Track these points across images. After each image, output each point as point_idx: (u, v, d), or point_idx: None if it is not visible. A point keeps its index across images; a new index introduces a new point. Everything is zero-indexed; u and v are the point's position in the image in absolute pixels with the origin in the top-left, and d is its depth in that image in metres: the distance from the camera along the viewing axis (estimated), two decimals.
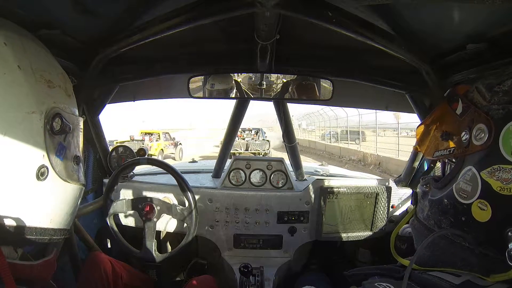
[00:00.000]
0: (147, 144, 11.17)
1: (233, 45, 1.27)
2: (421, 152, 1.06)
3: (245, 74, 1.34)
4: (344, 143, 14.90)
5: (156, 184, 1.51)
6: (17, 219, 0.58)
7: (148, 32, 0.99)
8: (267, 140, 11.74)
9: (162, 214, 1.34)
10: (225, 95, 1.33)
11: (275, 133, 14.26)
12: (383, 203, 1.44)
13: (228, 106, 1.81)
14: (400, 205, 1.53)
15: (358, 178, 1.63)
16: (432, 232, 0.61)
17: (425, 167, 1.53)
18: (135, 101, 1.73)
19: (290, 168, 1.64)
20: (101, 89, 1.39)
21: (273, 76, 1.32)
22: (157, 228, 1.37)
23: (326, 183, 1.43)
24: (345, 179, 1.52)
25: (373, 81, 1.32)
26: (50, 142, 0.63)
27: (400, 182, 1.60)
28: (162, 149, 11.88)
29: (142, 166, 1.64)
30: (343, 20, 0.92)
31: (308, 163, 3.69)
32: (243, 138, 11.56)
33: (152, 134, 12.26)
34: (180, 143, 13.46)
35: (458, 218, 0.58)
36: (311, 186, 1.45)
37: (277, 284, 1.37)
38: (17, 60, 0.59)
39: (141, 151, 1.48)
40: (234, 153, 8.88)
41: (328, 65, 1.31)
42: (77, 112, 0.75)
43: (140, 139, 11.53)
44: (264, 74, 1.30)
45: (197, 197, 1.40)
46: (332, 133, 16.79)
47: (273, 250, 1.50)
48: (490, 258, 0.53)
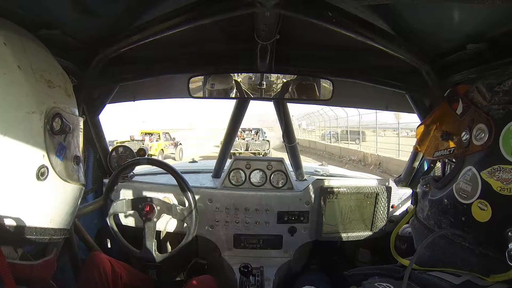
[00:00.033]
0: (147, 144, 11.17)
1: (233, 45, 1.27)
2: (421, 152, 1.06)
3: (245, 74, 1.34)
4: (344, 143, 14.89)
5: (156, 184, 1.51)
6: (17, 219, 0.58)
7: (148, 32, 0.99)
8: (267, 140, 11.75)
9: (162, 214, 1.34)
10: (225, 95, 1.33)
11: (275, 133, 14.25)
12: (383, 203, 1.44)
13: (228, 106, 1.80)
14: (400, 205, 1.53)
15: (358, 178, 1.63)
16: (432, 232, 0.61)
17: (425, 167, 1.53)
18: (135, 101, 1.73)
19: (290, 168, 1.64)
20: (101, 89, 1.39)
21: (273, 76, 1.32)
22: (157, 228, 1.37)
23: (326, 183, 1.43)
24: (345, 179, 1.52)
25: (373, 81, 1.32)
26: (50, 142, 0.63)
27: (400, 182, 1.60)
28: (162, 149, 11.89)
29: (142, 166, 1.64)
30: (343, 20, 0.92)
31: (308, 163, 3.69)
32: (243, 138, 11.56)
33: (152, 134, 12.26)
34: (180, 143, 13.46)
35: (458, 218, 0.57)
36: (311, 186, 1.45)
37: (277, 284, 1.37)
38: (17, 60, 0.59)
39: (141, 151, 1.48)
40: (234, 153, 8.88)
41: (328, 65, 1.31)
42: (77, 112, 0.75)
43: (140, 139, 11.54)
44: (264, 74, 1.30)
45: (197, 197, 1.40)
46: (332, 133, 16.77)
47: (273, 250, 1.50)
48: (490, 258, 0.53)
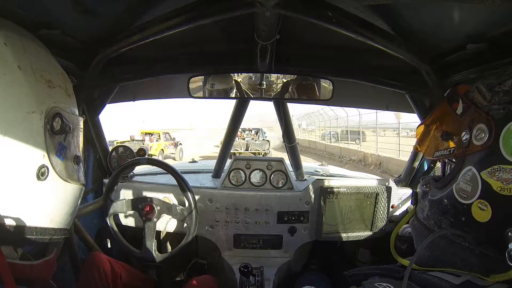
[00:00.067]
0: (148, 144, 11.17)
1: (233, 45, 1.27)
2: (421, 152, 1.06)
3: (245, 74, 1.34)
4: (345, 143, 14.89)
5: (156, 184, 1.51)
6: (17, 219, 0.58)
7: (148, 32, 0.99)
8: (267, 140, 11.75)
9: (162, 214, 1.34)
10: (225, 95, 1.33)
11: (275, 133, 14.25)
12: (383, 203, 1.44)
13: (228, 106, 1.80)
14: (400, 205, 1.53)
15: (358, 178, 1.63)
16: (432, 232, 0.61)
17: (425, 167, 1.52)
18: (135, 101, 1.73)
19: (290, 168, 1.64)
20: (101, 89, 1.39)
21: (273, 76, 1.32)
22: (157, 228, 1.37)
23: (326, 183, 1.43)
24: (345, 179, 1.52)
25: (373, 81, 1.32)
26: (50, 142, 0.63)
27: (400, 182, 1.60)
28: (162, 149, 11.89)
29: (142, 166, 1.64)
30: (343, 20, 0.92)
31: (308, 163, 3.69)
32: (243, 138, 11.56)
33: (152, 134, 12.27)
34: (180, 143, 13.47)
35: (458, 218, 0.57)
36: (311, 186, 1.45)
37: (277, 284, 1.37)
38: (17, 60, 0.59)
39: (141, 151, 1.48)
40: (234, 153, 8.88)
41: (328, 65, 1.31)
42: (77, 112, 0.75)
43: (141, 139, 11.54)
44: (264, 74, 1.30)
45: (197, 197, 1.40)
46: (332, 133, 16.77)
47: (273, 250, 1.50)
48: (490, 258, 0.53)
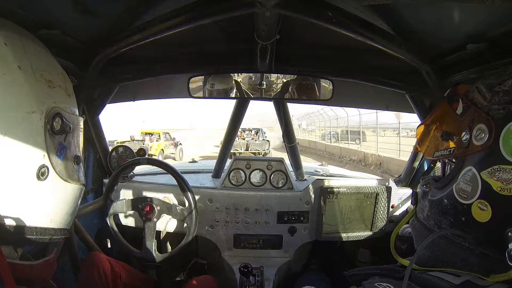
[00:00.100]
0: (148, 144, 11.18)
1: (233, 45, 1.27)
2: (421, 152, 1.06)
3: (245, 74, 1.34)
4: (345, 143, 14.88)
5: (156, 184, 1.51)
6: (17, 219, 0.58)
7: (148, 32, 0.99)
8: (267, 140, 11.76)
9: (162, 214, 1.34)
10: (225, 95, 1.33)
11: (275, 133, 14.25)
12: (383, 203, 1.44)
13: (228, 106, 1.80)
14: (400, 205, 1.53)
15: (358, 178, 1.63)
16: (432, 232, 0.61)
17: (425, 167, 1.52)
18: (135, 101, 1.73)
19: (290, 168, 1.64)
20: (101, 89, 1.39)
21: (273, 76, 1.32)
22: (157, 228, 1.37)
23: (326, 183, 1.43)
24: (345, 179, 1.52)
25: (373, 81, 1.32)
26: (51, 142, 0.63)
27: (400, 182, 1.60)
28: (163, 149, 11.90)
29: (142, 166, 1.64)
30: (343, 20, 0.92)
31: (308, 163, 3.69)
32: (243, 138, 11.57)
33: (153, 134, 12.27)
34: (180, 143, 13.47)
35: (458, 218, 0.57)
36: (311, 186, 1.45)
37: (277, 284, 1.37)
38: (17, 60, 0.59)
39: (141, 151, 1.48)
40: (234, 153, 8.88)
41: (328, 65, 1.31)
42: (77, 112, 0.75)
43: (141, 139, 11.55)
44: (264, 74, 1.30)
45: (197, 197, 1.40)
46: (333, 133, 16.77)
47: (273, 250, 1.50)
48: (490, 258, 0.53)
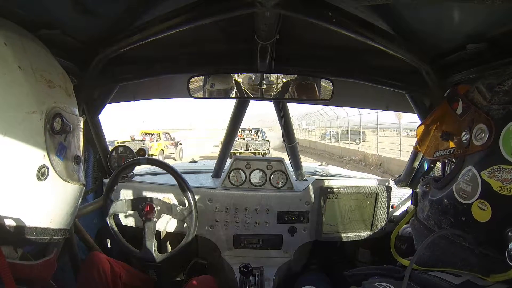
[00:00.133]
0: (148, 144, 11.19)
1: (233, 45, 1.27)
2: (421, 152, 1.06)
3: (245, 74, 1.34)
4: (345, 143, 14.88)
5: (156, 184, 1.51)
6: (17, 219, 0.58)
7: (148, 32, 0.99)
8: (267, 140, 11.77)
9: (162, 214, 1.34)
10: (225, 95, 1.33)
11: (275, 133, 14.26)
12: (383, 203, 1.44)
13: (228, 106, 1.81)
14: (400, 205, 1.53)
15: (358, 178, 1.63)
16: (432, 232, 0.61)
17: (425, 167, 1.52)
18: (135, 101, 1.73)
19: (290, 168, 1.64)
20: (101, 89, 1.39)
21: (273, 76, 1.32)
22: (157, 228, 1.37)
23: (326, 183, 1.43)
24: (345, 179, 1.52)
25: (373, 81, 1.32)
26: (51, 142, 0.63)
27: (400, 182, 1.60)
28: (163, 149, 11.91)
29: (142, 166, 1.64)
30: (343, 20, 0.92)
31: (308, 163, 3.69)
32: (243, 138, 11.57)
33: (153, 134, 12.28)
34: (180, 143, 13.48)
35: (458, 218, 0.57)
36: (311, 186, 1.45)
37: (277, 284, 1.37)
38: (17, 60, 0.59)
39: (141, 151, 1.48)
40: (234, 153, 8.88)
41: (328, 65, 1.31)
42: (78, 112, 0.75)
43: (141, 139, 11.55)
44: (264, 74, 1.30)
45: (197, 197, 1.40)
46: (333, 133, 16.76)
47: (273, 250, 1.50)
48: (490, 258, 0.53)
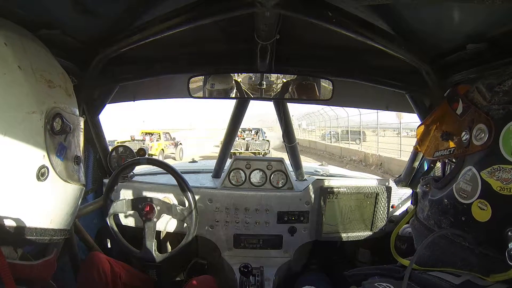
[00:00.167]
0: (148, 144, 11.20)
1: (233, 45, 1.27)
2: (421, 152, 1.06)
3: (245, 74, 1.34)
4: (345, 143, 14.88)
5: (156, 184, 1.51)
6: (17, 220, 0.58)
7: (148, 32, 0.99)
8: (267, 140, 11.78)
9: (162, 214, 1.34)
10: (225, 95, 1.33)
11: (275, 133, 14.27)
12: (383, 203, 1.44)
13: (228, 106, 1.81)
14: (400, 205, 1.53)
15: (358, 178, 1.63)
16: (432, 232, 0.61)
17: (425, 167, 1.52)
18: (135, 101, 1.73)
19: (290, 168, 1.64)
20: (101, 89, 1.39)
21: (273, 76, 1.32)
22: (157, 228, 1.37)
23: (326, 183, 1.43)
24: (345, 179, 1.52)
25: (373, 81, 1.32)
26: (51, 142, 0.63)
27: (400, 182, 1.60)
28: (163, 149, 11.92)
29: (142, 166, 1.64)
30: (343, 20, 0.92)
31: (308, 163, 3.69)
32: (243, 138, 11.59)
33: (153, 134, 12.30)
34: (181, 143, 13.49)
35: (458, 218, 0.57)
36: (311, 186, 1.45)
37: (277, 284, 1.37)
38: (17, 60, 0.58)
39: (141, 151, 1.48)
40: (234, 153, 8.88)
41: (328, 65, 1.31)
42: (78, 112, 0.75)
43: (141, 139, 11.57)
44: (264, 74, 1.30)
45: (197, 197, 1.40)
46: (333, 133, 16.76)
47: (273, 250, 1.50)
48: (490, 258, 0.53)
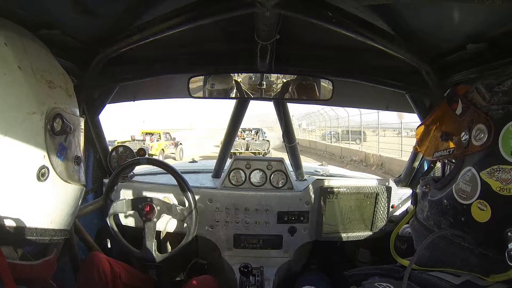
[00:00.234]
0: (148, 144, 11.21)
1: (233, 45, 1.27)
2: (421, 153, 1.06)
3: (245, 74, 1.34)
4: (345, 143, 14.87)
5: (156, 184, 1.51)
6: (18, 220, 0.58)
7: (148, 32, 0.99)
8: (267, 140, 11.78)
9: (162, 214, 1.34)
10: (225, 95, 1.33)
11: (275, 133, 14.27)
12: (383, 203, 1.44)
13: (228, 106, 1.81)
14: (400, 205, 1.53)
15: (358, 178, 1.63)
16: (432, 233, 0.61)
17: (425, 168, 1.52)
18: (135, 101, 1.73)
19: (290, 168, 1.64)
20: (101, 89, 1.39)
21: (273, 76, 1.32)
22: (157, 228, 1.37)
23: (326, 183, 1.43)
24: (345, 179, 1.52)
25: (373, 81, 1.32)
26: (51, 143, 0.63)
27: (400, 182, 1.60)
28: (163, 149, 11.93)
29: (142, 166, 1.64)
30: (343, 20, 0.92)
31: (308, 163, 3.69)
32: (243, 138, 11.59)
33: (153, 134, 12.30)
34: (181, 143, 13.49)
35: (458, 219, 0.58)
36: (311, 186, 1.45)
37: (277, 284, 1.37)
38: (18, 61, 0.58)
39: (141, 151, 1.48)
40: (234, 153, 8.88)
41: (328, 65, 1.31)
42: (78, 113, 0.75)
43: (141, 139, 11.57)
44: (264, 74, 1.30)
45: (197, 197, 1.40)
46: (333, 133, 16.75)
47: (273, 250, 1.50)
48: (490, 258, 0.53)
